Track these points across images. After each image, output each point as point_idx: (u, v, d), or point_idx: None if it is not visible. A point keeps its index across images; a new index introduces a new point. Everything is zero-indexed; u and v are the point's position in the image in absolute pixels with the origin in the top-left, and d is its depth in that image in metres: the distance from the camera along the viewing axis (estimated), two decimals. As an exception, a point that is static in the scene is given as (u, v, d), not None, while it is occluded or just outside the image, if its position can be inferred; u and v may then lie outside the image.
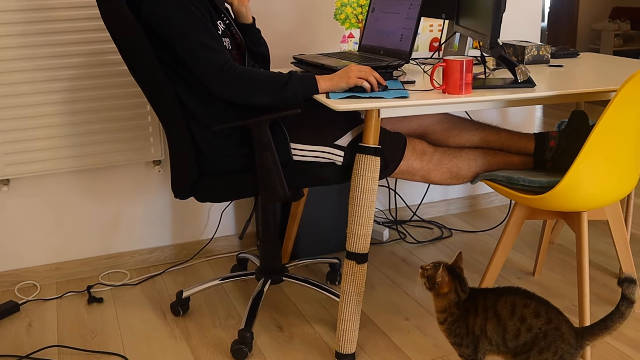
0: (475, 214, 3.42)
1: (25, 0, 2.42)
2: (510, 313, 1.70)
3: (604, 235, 3.04)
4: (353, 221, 1.99)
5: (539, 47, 2.60)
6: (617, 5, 7.40)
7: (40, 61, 2.48)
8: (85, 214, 2.76)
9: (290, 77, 1.95)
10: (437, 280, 1.74)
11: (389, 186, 3.24)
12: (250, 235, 3.02)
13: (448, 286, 1.74)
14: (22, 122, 2.51)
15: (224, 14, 2.17)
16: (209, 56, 1.93)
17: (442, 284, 1.74)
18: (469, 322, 1.74)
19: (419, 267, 1.87)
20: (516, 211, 2.18)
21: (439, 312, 1.79)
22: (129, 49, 1.98)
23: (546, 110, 6.21)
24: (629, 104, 1.84)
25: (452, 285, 1.74)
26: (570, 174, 1.90)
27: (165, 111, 2.05)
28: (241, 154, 2.07)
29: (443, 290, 1.74)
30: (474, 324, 1.73)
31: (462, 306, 1.75)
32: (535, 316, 1.68)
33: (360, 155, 1.95)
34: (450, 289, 1.74)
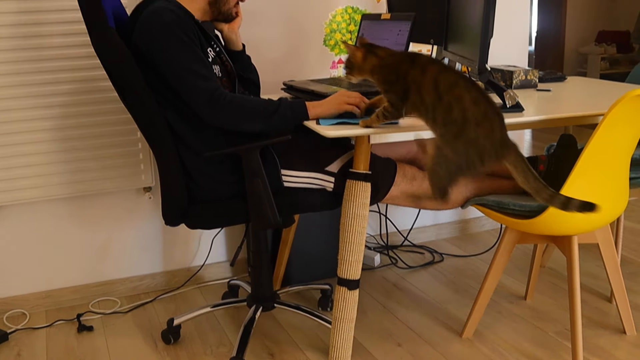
0: (466, 238, 3.43)
1: (15, 28, 2.43)
2: (449, 88, 1.71)
3: (594, 258, 3.05)
4: (344, 247, 1.99)
5: (527, 72, 2.62)
6: (602, 29, 7.49)
7: (30, 88, 2.48)
8: (76, 241, 2.74)
9: (280, 103, 1.96)
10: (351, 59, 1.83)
11: (379, 211, 3.24)
12: (241, 262, 3.01)
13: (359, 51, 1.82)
14: (11, 149, 2.50)
15: (214, 41, 2.18)
16: (199, 83, 1.94)
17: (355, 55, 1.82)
18: (400, 70, 1.77)
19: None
20: (507, 235, 2.18)
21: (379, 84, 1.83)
22: (119, 76, 1.99)
23: (535, 133, 6.26)
24: (616, 127, 1.86)
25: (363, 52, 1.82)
26: (560, 198, 1.91)
27: (156, 138, 2.05)
28: (232, 181, 2.07)
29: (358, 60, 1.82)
30: (407, 74, 1.76)
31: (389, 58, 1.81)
32: (474, 103, 1.70)
33: (350, 181, 1.96)
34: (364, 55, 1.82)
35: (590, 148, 1.86)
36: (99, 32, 1.94)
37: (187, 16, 2.07)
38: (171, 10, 2.00)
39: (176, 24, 1.96)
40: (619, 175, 1.99)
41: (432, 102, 1.73)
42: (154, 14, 1.98)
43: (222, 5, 2.18)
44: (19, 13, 2.42)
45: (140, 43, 1.99)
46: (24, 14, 2.43)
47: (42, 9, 2.44)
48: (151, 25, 1.97)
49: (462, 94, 1.71)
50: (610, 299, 2.64)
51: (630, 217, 3.61)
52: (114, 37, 1.93)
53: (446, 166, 1.74)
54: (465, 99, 1.70)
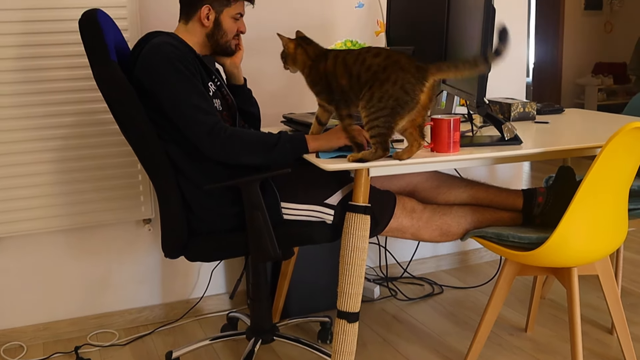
0: (466, 270, 3.42)
1: (18, 61, 2.45)
2: (354, 60, 1.86)
3: (595, 289, 3.04)
4: (344, 280, 1.98)
5: (525, 104, 2.64)
6: (599, 61, 7.56)
7: (31, 120, 2.50)
8: (74, 272, 2.74)
9: (280, 137, 1.97)
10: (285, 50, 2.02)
11: (379, 243, 3.23)
12: (240, 294, 3.00)
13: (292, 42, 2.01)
14: (11, 180, 2.51)
15: (215, 75, 2.20)
16: (200, 117, 1.95)
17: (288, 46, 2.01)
18: (319, 67, 1.95)
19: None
20: (506, 267, 2.18)
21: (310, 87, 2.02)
22: (121, 109, 2.00)
23: (534, 164, 6.27)
24: (614, 160, 1.86)
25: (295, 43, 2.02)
26: (559, 230, 1.92)
27: (156, 170, 2.06)
28: (232, 213, 2.07)
29: (290, 50, 2.01)
30: (325, 68, 1.93)
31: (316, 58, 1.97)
32: (374, 56, 1.82)
33: (350, 214, 1.96)
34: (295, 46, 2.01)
35: (588, 180, 1.87)
36: (101, 66, 1.96)
37: (188, 50, 2.10)
38: (172, 45, 2.03)
39: (177, 58, 1.99)
40: (617, 206, 1.99)
41: (349, 83, 1.88)
42: (155, 48, 2.01)
43: (220, 38, 2.20)
44: (23, 46, 2.45)
45: (141, 77, 2.01)
46: (27, 47, 2.45)
47: (45, 43, 2.47)
48: (152, 60, 1.99)
49: (364, 57, 1.85)
50: (611, 330, 2.62)
51: (630, 248, 3.61)
52: (116, 71, 1.95)
53: (381, 119, 1.79)
54: (367, 59, 1.84)
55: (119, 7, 2.51)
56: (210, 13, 2.16)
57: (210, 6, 2.16)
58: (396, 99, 1.77)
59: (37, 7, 2.44)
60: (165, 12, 2.67)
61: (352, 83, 1.87)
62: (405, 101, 1.77)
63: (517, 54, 3.42)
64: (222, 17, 2.18)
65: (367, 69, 1.83)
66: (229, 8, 2.18)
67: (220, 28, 2.19)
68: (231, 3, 2.18)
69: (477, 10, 1.99)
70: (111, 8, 2.40)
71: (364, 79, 1.83)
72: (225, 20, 2.19)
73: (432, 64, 1.80)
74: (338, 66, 1.90)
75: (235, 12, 2.19)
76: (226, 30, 2.20)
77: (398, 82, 1.77)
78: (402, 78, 1.77)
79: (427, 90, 1.79)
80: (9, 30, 2.42)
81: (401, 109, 1.77)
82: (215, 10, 2.17)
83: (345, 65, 1.88)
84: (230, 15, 2.19)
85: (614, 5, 7.51)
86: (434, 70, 1.79)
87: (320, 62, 1.96)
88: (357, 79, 1.85)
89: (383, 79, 1.79)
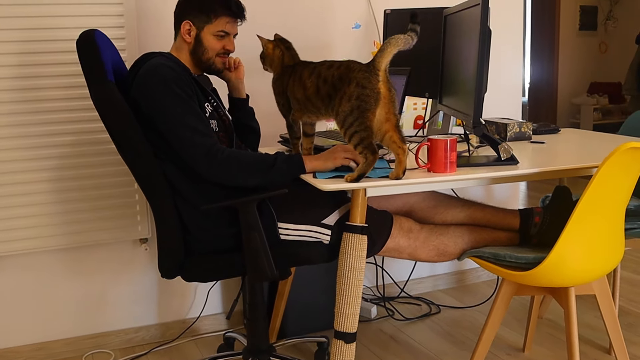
0: (463, 290, 3.41)
1: (16, 81, 2.46)
2: (309, 74, 1.96)
3: (592, 309, 3.03)
4: (341, 300, 1.98)
5: (521, 124, 2.65)
6: (594, 81, 7.60)
7: (28, 140, 2.50)
8: (70, 292, 2.72)
9: (277, 158, 1.97)
10: (264, 51, 2.13)
11: (376, 263, 3.23)
12: (237, 314, 2.99)
13: (270, 43, 2.11)
14: (7, 200, 2.51)
15: (211, 96, 2.21)
16: (196, 139, 1.95)
17: (267, 47, 2.11)
18: (283, 81, 2.07)
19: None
20: (504, 287, 2.17)
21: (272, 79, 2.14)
22: (117, 130, 2.00)
23: (530, 184, 6.28)
24: (610, 179, 1.87)
25: (273, 44, 2.11)
26: (556, 250, 1.92)
27: (153, 190, 2.06)
28: (229, 234, 2.07)
29: (269, 51, 2.11)
30: (287, 84, 2.05)
31: (285, 69, 2.09)
32: (328, 68, 1.92)
33: (347, 234, 1.96)
34: (273, 47, 2.11)
35: (585, 200, 1.87)
36: (98, 86, 1.96)
37: (184, 71, 2.10)
38: (168, 66, 2.03)
39: (173, 80, 1.99)
40: (614, 226, 2.00)
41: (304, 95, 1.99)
42: (152, 70, 2.02)
43: (202, 55, 2.20)
44: (20, 66, 2.46)
45: (138, 98, 2.02)
46: (24, 67, 2.46)
47: (42, 62, 2.48)
48: (149, 81, 2.00)
49: (319, 70, 1.94)
50: (609, 350, 2.62)
51: (627, 267, 3.61)
52: (113, 92, 1.96)
53: (355, 122, 1.83)
54: (322, 71, 1.93)
55: (117, 28, 2.53)
56: (192, 29, 2.17)
57: (190, 22, 2.17)
58: (357, 97, 1.82)
59: (35, 28, 2.45)
60: (163, 32, 2.69)
61: (309, 95, 1.97)
62: (366, 94, 1.82)
63: (513, 74, 3.44)
64: (203, 34, 2.18)
65: (324, 82, 1.92)
66: (209, 25, 2.18)
67: (202, 44, 2.19)
68: (212, 19, 2.17)
69: (473, 32, 2.01)
70: (109, 28, 2.42)
71: (324, 91, 1.92)
72: (206, 37, 2.19)
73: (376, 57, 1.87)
74: (295, 81, 2.02)
75: (216, 29, 2.18)
76: (207, 47, 2.19)
77: (353, 81, 1.84)
78: (355, 77, 1.84)
79: (382, 81, 1.84)
80: (6, 50, 2.43)
81: (366, 103, 1.82)
82: (196, 26, 2.17)
83: (301, 79, 2.00)
84: (212, 32, 2.18)
85: (608, 25, 7.57)
86: (378, 58, 1.85)
87: (285, 75, 2.08)
88: (316, 92, 1.95)
89: (341, 86, 1.87)
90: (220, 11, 2.17)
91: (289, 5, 2.92)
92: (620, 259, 2.10)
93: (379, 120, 1.84)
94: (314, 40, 2.98)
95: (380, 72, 1.84)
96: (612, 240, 2.01)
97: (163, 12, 2.70)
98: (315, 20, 2.98)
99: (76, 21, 2.47)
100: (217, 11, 2.17)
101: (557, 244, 1.91)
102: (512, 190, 3.50)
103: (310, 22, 2.97)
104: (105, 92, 1.95)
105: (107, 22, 2.51)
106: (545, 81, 7.62)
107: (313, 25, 2.97)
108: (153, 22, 2.70)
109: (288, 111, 2.10)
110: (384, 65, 1.85)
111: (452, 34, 2.36)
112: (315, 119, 2.07)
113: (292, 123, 2.13)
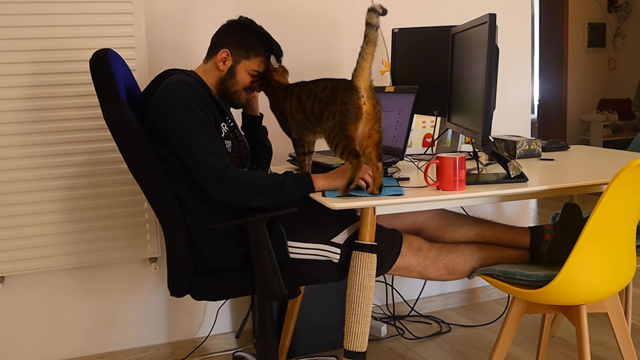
0: (474, 308, 3.39)
1: (28, 101, 2.48)
2: (307, 95, 2.05)
3: (604, 327, 3.01)
4: (350, 319, 1.97)
5: (530, 142, 2.65)
6: (604, 97, 7.59)
7: (40, 159, 2.52)
8: (80, 311, 2.73)
9: (287, 178, 1.98)
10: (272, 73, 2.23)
11: (385, 281, 3.22)
12: (247, 333, 2.98)
13: (274, 71, 2.21)
14: (19, 219, 2.52)
15: (229, 117, 2.21)
16: (208, 159, 1.96)
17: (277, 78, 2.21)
18: (279, 102, 2.17)
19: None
20: (514, 305, 2.16)
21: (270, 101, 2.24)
22: (129, 149, 2.00)
23: (540, 201, 6.26)
24: (621, 196, 1.86)
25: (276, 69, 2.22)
26: (567, 268, 1.91)
27: (164, 209, 2.07)
28: (238, 252, 2.07)
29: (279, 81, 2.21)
30: (283, 104, 2.15)
31: (278, 92, 2.19)
32: (322, 89, 2.00)
33: (356, 253, 1.95)
34: (277, 70, 2.22)
35: (595, 217, 1.86)
36: (110, 106, 1.97)
37: (204, 90, 2.11)
38: (188, 84, 2.04)
39: (191, 98, 2.00)
40: (625, 243, 1.98)
41: (304, 116, 2.07)
42: (171, 87, 2.03)
43: (231, 86, 2.22)
44: (33, 87, 2.48)
45: (154, 115, 2.02)
46: (37, 87, 2.49)
47: (54, 83, 2.50)
48: (166, 98, 2.01)
49: (315, 92, 2.02)
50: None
51: (639, 284, 3.58)
52: (125, 110, 1.96)
53: (337, 134, 1.91)
54: (318, 93, 2.01)
55: (127, 48, 2.55)
56: (228, 59, 2.19)
57: (229, 51, 2.19)
58: (340, 112, 1.90)
59: (47, 49, 2.48)
60: (173, 53, 2.71)
61: (308, 115, 2.06)
62: (347, 110, 1.89)
63: (522, 91, 3.45)
64: (238, 67, 2.21)
65: (319, 102, 2.00)
66: (247, 61, 2.21)
67: (234, 76, 2.21)
68: (250, 57, 2.21)
69: (481, 50, 2.01)
70: (119, 49, 2.44)
71: (318, 111, 2.00)
72: (241, 71, 2.22)
73: (353, 77, 1.93)
74: (294, 103, 2.11)
75: (252, 67, 2.22)
76: (238, 80, 2.22)
77: (338, 99, 1.92)
78: (340, 95, 1.92)
79: (367, 98, 1.90)
80: (18, 71, 2.46)
81: (346, 117, 1.89)
82: (233, 57, 2.20)
83: (300, 102, 2.08)
84: (247, 69, 2.22)
85: (617, 42, 7.57)
86: (356, 74, 1.90)
87: (280, 98, 2.18)
88: (312, 112, 2.03)
89: (330, 104, 1.95)
90: (261, 51, 2.22)
91: (298, 28, 2.95)
92: (632, 276, 2.09)
93: (361, 136, 1.90)
94: (323, 61, 3.00)
95: (362, 89, 1.90)
96: (624, 258, 2.00)
97: (172, 34, 2.73)
98: (323, 41, 3.00)
99: (87, 42, 2.50)
100: (258, 50, 2.22)
101: (568, 261, 1.90)
102: (522, 208, 3.49)
103: (319, 44, 2.99)
104: (118, 110, 1.96)
105: (118, 42, 2.53)
106: (554, 98, 7.61)
107: (322, 47, 3.00)
108: (163, 43, 2.72)
109: (287, 126, 2.20)
110: (363, 83, 1.90)
111: (460, 52, 2.36)
112: (313, 137, 2.17)
113: (298, 139, 2.19)
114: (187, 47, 2.75)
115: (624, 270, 2.02)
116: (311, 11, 2.98)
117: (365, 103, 1.89)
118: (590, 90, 7.61)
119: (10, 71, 2.45)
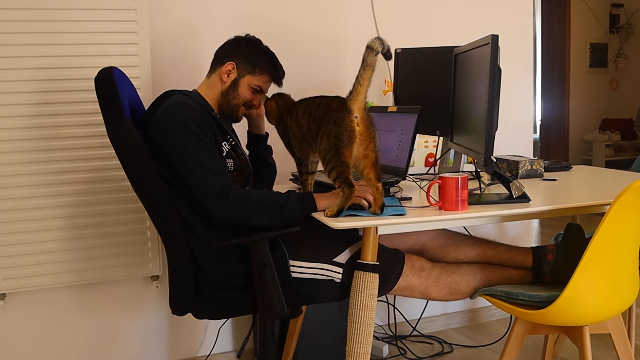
0: (476, 328, 3.38)
1: (32, 119, 2.49)
2: (303, 112, 2.06)
3: (607, 348, 2.99)
4: (352, 339, 1.96)
5: (532, 162, 2.65)
6: (606, 117, 7.60)
7: (43, 177, 2.53)
8: (81, 329, 2.72)
9: (289, 197, 1.98)
10: (267, 109, 2.25)
11: (387, 301, 3.21)
12: (248, 352, 2.97)
13: (270, 106, 2.23)
14: (21, 236, 2.52)
15: (230, 135, 2.22)
16: (209, 178, 1.96)
17: (269, 106, 2.24)
18: (283, 119, 2.18)
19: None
20: (517, 326, 2.15)
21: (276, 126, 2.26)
22: (133, 167, 2.01)
23: (543, 221, 6.25)
24: (623, 217, 1.86)
25: (275, 101, 2.23)
26: (570, 288, 1.90)
27: (166, 227, 2.07)
28: (240, 271, 2.07)
29: (271, 108, 2.23)
30: (286, 121, 2.15)
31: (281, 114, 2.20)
32: (316, 106, 2.01)
33: (358, 272, 1.95)
34: (273, 105, 2.23)
35: (598, 238, 1.86)
36: (115, 123, 1.98)
37: (203, 110, 2.12)
38: (187, 104, 2.05)
39: (191, 119, 2.01)
40: (628, 264, 1.98)
41: (300, 133, 2.07)
42: (171, 108, 2.04)
43: (232, 99, 2.24)
44: (38, 104, 2.49)
45: (155, 135, 2.04)
46: (42, 105, 2.50)
47: (60, 101, 2.52)
48: (166, 119, 2.02)
49: (310, 110, 2.03)
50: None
51: (642, 305, 3.56)
52: (129, 128, 1.98)
53: (332, 159, 1.89)
54: (312, 110, 2.02)
55: (131, 67, 2.56)
56: (233, 71, 2.21)
57: (235, 64, 2.21)
58: (335, 135, 1.88)
59: (53, 67, 2.50)
60: (177, 71, 2.73)
61: (304, 133, 2.06)
62: (340, 133, 1.87)
63: (524, 111, 3.46)
64: (242, 81, 2.23)
65: (313, 120, 2.00)
66: (251, 76, 2.23)
67: (236, 90, 2.23)
68: (255, 72, 2.23)
69: (483, 71, 2.02)
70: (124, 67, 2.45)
71: (314, 129, 2.00)
72: (243, 85, 2.24)
73: (348, 97, 1.91)
74: (293, 119, 2.11)
75: (256, 82, 2.24)
76: (240, 94, 2.24)
77: (331, 120, 1.90)
78: (333, 116, 1.90)
79: (360, 119, 1.88)
80: (23, 89, 2.47)
81: (340, 141, 1.87)
82: (238, 70, 2.22)
83: (297, 117, 2.08)
84: (250, 83, 2.24)
85: (618, 63, 7.60)
86: (351, 97, 1.89)
87: (284, 116, 2.18)
88: (308, 130, 2.03)
89: (323, 123, 1.95)
90: (266, 69, 2.25)
91: (300, 50, 2.97)
92: (635, 297, 2.08)
93: (357, 156, 1.90)
94: (325, 81, 3.01)
95: (355, 111, 1.88)
96: (626, 278, 1.99)
97: (176, 53, 2.75)
98: (325, 63, 3.03)
99: (92, 60, 2.51)
100: (263, 67, 2.24)
101: (570, 282, 1.89)
102: (524, 228, 3.49)
103: (321, 65, 3.01)
104: (122, 128, 1.97)
105: (122, 61, 2.54)
106: (557, 118, 7.63)
107: (324, 68, 3.01)
108: (167, 61, 2.74)
109: (291, 147, 2.19)
110: (357, 105, 1.89)
111: (462, 73, 2.38)
112: (314, 157, 2.15)
113: (302, 158, 2.17)
114: (190, 66, 2.76)
115: (627, 290, 2.01)
116: (312, 32, 2.99)
117: (359, 124, 1.88)
118: (592, 110, 7.62)
119: (15, 89, 2.47)
